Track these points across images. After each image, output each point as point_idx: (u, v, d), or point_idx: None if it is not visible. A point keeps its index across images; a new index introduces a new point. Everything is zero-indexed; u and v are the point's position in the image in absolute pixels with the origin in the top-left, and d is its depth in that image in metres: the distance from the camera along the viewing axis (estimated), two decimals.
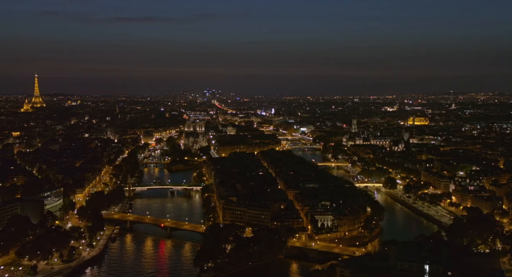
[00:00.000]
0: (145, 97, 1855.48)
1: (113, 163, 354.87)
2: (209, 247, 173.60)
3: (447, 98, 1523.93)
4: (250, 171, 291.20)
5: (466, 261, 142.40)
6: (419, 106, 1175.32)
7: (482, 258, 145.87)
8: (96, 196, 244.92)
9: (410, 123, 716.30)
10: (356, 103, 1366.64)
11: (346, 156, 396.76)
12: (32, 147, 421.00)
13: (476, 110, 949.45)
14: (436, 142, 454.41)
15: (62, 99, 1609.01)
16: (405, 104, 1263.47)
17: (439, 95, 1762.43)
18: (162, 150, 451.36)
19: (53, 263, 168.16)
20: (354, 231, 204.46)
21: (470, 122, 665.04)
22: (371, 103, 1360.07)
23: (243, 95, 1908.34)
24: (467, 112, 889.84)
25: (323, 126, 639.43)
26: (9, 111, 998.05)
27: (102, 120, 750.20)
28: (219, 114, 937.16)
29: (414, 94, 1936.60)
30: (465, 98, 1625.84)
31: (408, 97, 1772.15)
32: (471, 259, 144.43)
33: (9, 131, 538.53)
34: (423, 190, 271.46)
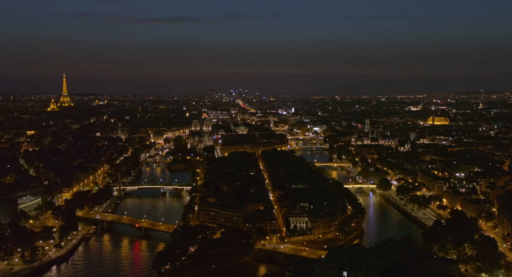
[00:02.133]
0: (172, 96, 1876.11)
1: (114, 162, 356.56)
2: (170, 249, 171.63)
3: (478, 97, 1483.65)
4: (242, 171, 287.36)
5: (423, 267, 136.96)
6: (444, 106, 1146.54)
7: (441, 264, 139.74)
8: (78, 195, 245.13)
9: (430, 123, 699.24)
10: (381, 103, 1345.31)
11: (350, 156, 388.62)
12: (39, 146, 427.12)
13: (504, 109, 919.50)
14: (447, 143, 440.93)
15: (92, 99, 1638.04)
16: (432, 104, 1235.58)
17: (471, 94, 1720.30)
18: (169, 150, 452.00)
19: (13, 264, 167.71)
20: (329, 234, 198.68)
21: (491, 122, 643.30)
22: (396, 103, 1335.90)
23: (269, 95, 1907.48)
24: (492, 112, 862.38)
25: (337, 125, 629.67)
26: (36, 111, 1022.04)
27: (121, 119, 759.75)
28: (238, 113, 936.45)
29: (445, 94, 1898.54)
30: (498, 97, 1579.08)
31: (439, 96, 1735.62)
32: (428, 265, 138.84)
33: (24, 130, 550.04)
34: (415, 192, 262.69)
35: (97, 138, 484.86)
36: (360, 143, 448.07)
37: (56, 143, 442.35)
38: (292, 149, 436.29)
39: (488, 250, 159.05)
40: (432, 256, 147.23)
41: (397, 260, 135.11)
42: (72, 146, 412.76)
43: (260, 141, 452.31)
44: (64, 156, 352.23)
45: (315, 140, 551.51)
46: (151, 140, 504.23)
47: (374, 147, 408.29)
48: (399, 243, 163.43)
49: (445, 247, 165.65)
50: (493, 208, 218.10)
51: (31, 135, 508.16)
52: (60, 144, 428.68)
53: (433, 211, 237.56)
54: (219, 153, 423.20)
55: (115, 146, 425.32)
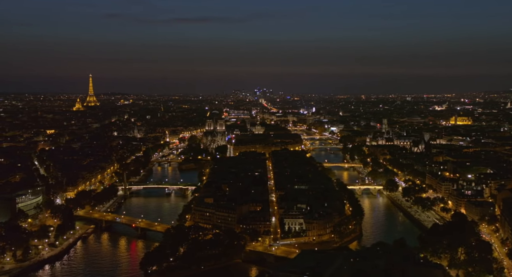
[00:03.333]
0: (197, 96, 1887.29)
1: (124, 161, 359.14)
2: (159, 250, 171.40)
3: (508, 97, 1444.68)
4: (247, 171, 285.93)
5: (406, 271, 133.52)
6: (471, 105, 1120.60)
7: (425, 269, 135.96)
8: (81, 195, 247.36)
9: (452, 123, 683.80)
10: (406, 102, 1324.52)
11: (362, 157, 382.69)
12: (56, 145, 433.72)
13: None
14: (465, 143, 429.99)
15: (118, 99, 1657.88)
16: (459, 103, 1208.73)
17: (501, 94, 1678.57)
18: (182, 149, 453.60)
19: (5, 263, 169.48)
20: (324, 236, 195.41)
21: None
22: (421, 102, 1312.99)
23: (293, 94, 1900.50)
24: None
25: (354, 125, 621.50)
26: (62, 110, 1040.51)
27: (141, 119, 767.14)
28: (259, 113, 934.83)
29: (474, 93, 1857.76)
30: None
31: (468, 95, 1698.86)
32: (412, 269, 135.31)
33: (45, 129, 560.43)
34: (421, 193, 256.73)
35: (112, 137, 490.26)
36: (374, 143, 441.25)
37: (72, 142, 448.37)
38: (304, 149, 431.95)
39: (481, 255, 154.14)
40: (419, 260, 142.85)
41: (376, 265, 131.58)
42: (86, 145, 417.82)
43: (274, 141, 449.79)
44: (77, 155, 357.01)
45: (331, 140, 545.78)
46: (166, 140, 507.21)
47: (388, 148, 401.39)
48: (388, 247, 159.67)
49: (437, 251, 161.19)
50: (497, 211, 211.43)
51: (50, 134, 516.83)
52: (75, 143, 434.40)
53: (437, 213, 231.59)
54: (231, 153, 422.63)
55: (129, 145, 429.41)
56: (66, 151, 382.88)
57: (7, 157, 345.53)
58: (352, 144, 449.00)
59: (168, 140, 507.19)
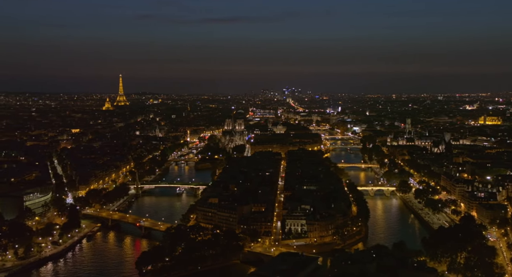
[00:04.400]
0: (226, 95, 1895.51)
1: (141, 160, 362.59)
2: (156, 249, 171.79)
3: None
4: (258, 171, 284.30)
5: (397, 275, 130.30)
6: (503, 105, 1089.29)
7: (417, 273, 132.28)
8: (91, 193, 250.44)
9: (481, 123, 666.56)
10: (437, 101, 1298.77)
11: (379, 157, 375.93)
12: (77, 144, 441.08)
13: None
14: (489, 144, 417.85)
15: (149, 98, 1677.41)
16: (493, 103, 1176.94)
17: None
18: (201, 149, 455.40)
19: (6, 260, 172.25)
20: (326, 238, 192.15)
21: None
22: (452, 101, 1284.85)
23: (322, 93, 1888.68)
24: None
25: (378, 125, 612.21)
26: (91, 109, 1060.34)
27: (166, 118, 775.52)
28: (284, 112, 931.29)
29: (511, 92, 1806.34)
30: None
31: (504, 94, 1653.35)
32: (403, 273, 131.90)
33: (70, 128, 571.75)
34: (434, 195, 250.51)
35: (134, 136, 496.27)
36: (395, 143, 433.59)
37: (94, 141, 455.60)
38: (320, 149, 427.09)
39: (483, 260, 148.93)
40: (412, 264, 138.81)
41: (365, 268, 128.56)
42: (106, 144, 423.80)
43: (293, 141, 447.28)
44: (95, 154, 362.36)
45: (352, 140, 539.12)
46: (187, 139, 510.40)
47: (408, 148, 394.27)
48: (385, 250, 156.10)
49: (437, 255, 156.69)
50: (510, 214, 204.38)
51: (74, 133, 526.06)
52: (96, 142, 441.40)
53: (448, 216, 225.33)
54: (249, 152, 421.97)
55: (148, 144, 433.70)
56: (86, 150, 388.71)
57: (29, 155, 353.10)
58: (372, 144, 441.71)
59: (188, 140, 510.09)
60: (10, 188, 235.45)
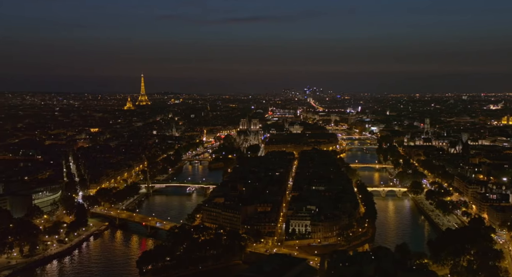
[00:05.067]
0: (247, 95, 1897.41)
1: (155, 159, 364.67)
2: (158, 249, 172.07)
3: None
4: (268, 171, 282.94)
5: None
6: None
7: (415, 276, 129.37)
8: (101, 192, 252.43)
9: (504, 123, 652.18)
10: (460, 101, 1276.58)
11: (395, 158, 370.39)
12: (94, 143, 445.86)
13: None
14: (509, 144, 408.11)
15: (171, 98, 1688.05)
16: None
17: None
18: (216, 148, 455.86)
19: (12, 257, 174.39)
20: (331, 239, 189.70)
21: None
22: (476, 101, 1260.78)
23: (343, 93, 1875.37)
24: None
25: (396, 125, 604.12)
26: (113, 109, 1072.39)
27: (185, 117, 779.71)
28: (303, 112, 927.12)
29: None
30: None
31: None
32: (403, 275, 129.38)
33: (89, 127, 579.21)
34: (445, 196, 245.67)
35: (150, 135, 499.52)
36: (412, 143, 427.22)
37: (111, 140, 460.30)
38: (335, 149, 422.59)
39: (488, 263, 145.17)
40: (411, 266, 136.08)
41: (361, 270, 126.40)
42: (123, 144, 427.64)
43: (308, 141, 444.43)
44: (110, 153, 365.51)
45: (369, 140, 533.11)
46: (202, 139, 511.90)
47: (424, 148, 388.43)
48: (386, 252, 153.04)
49: (440, 257, 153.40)
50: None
51: (92, 133, 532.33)
52: (113, 142, 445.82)
53: (459, 218, 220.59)
54: (263, 152, 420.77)
55: (163, 143, 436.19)
56: (102, 149, 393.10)
57: (46, 154, 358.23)
58: (389, 144, 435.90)
59: (204, 139, 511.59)
60: (21, 186, 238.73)
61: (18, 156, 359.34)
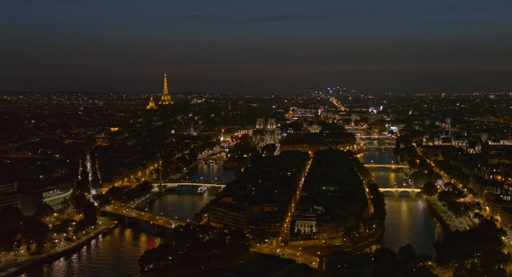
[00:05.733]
0: (270, 94, 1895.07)
1: (170, 158, 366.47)
2: (161, 248, 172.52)
3: None
4: (280, 171, 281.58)
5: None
6: None
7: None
8: (112, 191, 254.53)
9: None
10: (487, 100, 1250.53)
11: (411, 158, 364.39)
12: (112, 142, 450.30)
13: None
14: None
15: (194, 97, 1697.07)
16: None
17: None
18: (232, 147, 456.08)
19: (19, 255, 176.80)
20: (336, 240, 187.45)
21: None
22: (504, 100, 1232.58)
23: (367, 92, 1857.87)
24: None
25: (417, 125, 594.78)
26: (136, 108, 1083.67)
27: (205, 117, 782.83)
28: (324, 111, 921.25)
29: None
30: None
31: None
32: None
33: (109, 126, 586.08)
34: (459, 198, 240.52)
35: (168, 135, 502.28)
36: (431, 143, 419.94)
37: (129, 139, 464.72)
38: (350, 149, 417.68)
39: (493, 266, 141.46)
40: (411, 269, 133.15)
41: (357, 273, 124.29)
42: (140, 143, 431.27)
43: (325, 140, 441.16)
44: (126, 152, 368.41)
45: (388, 139, 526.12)
46: (220, 138, 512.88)
47: (443, 148, 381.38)
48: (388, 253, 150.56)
49: (444, 260, 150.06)
50: None
51: (112, 132, 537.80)
52: (131, 141, 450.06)
53: (471, 219, 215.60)
54: (279, 152, 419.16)
55: (180, 143, 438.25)
56: (119, 148, 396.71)
57: (63, 153, 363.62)
58: (407, 144, 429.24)
59: (222, 139, 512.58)
60: (35, 184, 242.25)
61: (37, 155, 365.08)
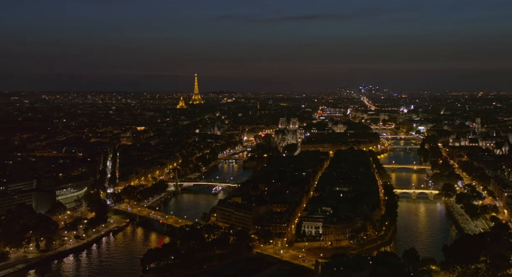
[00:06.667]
0: (301, 94, 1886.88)
1: (190, 157, 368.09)
2: (164, 247, 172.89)
3: None
4: (295, 171, 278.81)
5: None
6: None
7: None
8: (127, 189, 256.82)
9: None
10: None
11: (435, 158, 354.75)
12: (136, 141, 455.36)
13: None
14: None
15: (226, 97, 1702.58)
16: None
17: None
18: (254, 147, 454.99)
19: (28, 252, 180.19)
20: (343, 241, 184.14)
21: None
22: None
23: (400, 91, 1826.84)
24: None
25: (446, 125, 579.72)
26: (166, 108, 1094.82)
27: (233, 116, 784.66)
28: (353, 111, 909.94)
29: None
30: None
31: None
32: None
33: (136, 125, 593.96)
34: (477, 200, 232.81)
35: (192, 134, 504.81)
36: (457, 144, 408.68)
37: (153, 139, 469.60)
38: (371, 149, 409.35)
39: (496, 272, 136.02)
40: (409, 273, 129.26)
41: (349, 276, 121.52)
42: (162, 142, 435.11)
43: (348, 140, 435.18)
44: (148, 151, 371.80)
45: (414, 139, 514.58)
46: (243, 137, 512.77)
47: (469, 149, 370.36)
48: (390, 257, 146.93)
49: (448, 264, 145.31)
50: None
51: (138, 131, 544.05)
52: (154, 140, 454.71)
53: (487, 223, 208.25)
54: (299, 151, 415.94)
55: (203, 142, 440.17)
56: (141, 147, 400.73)
57: (87, 152, 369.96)
58: (432, 144, 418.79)
59: (245, 138, 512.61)
60: (53, 183, 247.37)
61: (61, 153, 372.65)
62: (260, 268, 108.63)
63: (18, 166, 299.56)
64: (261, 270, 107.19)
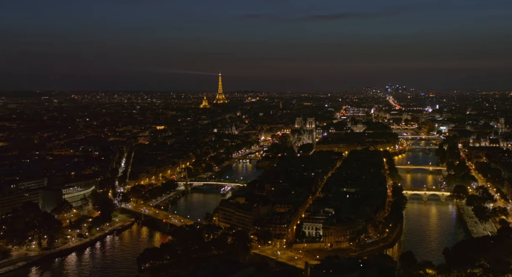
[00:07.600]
0: (326, 93, 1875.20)
1: (204, 157, 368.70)
2: (162, 247, 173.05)
3: None
4: (304, 171, 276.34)
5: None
6: None
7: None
8: (135, 188, 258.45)
9: None
10: None
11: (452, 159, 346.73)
12: (153, 140, 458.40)
13: None
14: None
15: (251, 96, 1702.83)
16: None
17: None
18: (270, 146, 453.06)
19: (30, 250, 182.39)
20: (343, 243, 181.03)
21: None
22: None
23: (428, 90, 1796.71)
24: None
25: (469, 125, 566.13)
26: (190, 107, 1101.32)
27: (253, 116, 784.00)
28: (376, 111, 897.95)
29: None
30: None
31: None
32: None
33: (156, 125, 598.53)
34: (488, 203, 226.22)
35: (209, 133, 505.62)
36: (477, 144, 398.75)
37: (170, 138, 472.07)
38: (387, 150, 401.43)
39: None
40: None
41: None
42: (179, 141, 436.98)
43: (365, 140, 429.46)
44: (163, 150, 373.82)
45: (435, 140, 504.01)
46: (260, 137, 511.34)
47: (489, 150, 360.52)
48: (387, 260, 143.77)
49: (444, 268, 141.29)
50: None
51: (157, 130, 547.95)
52: (171, 139, 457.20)
53: (496, 226, 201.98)
54: None
55: (219, 142, 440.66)
56: (157, 146, 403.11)
57: (103, 150, 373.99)
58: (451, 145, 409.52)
59: (262, 138, 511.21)
60: (61, 181, 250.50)
61: (78, 152, 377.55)
62: (236, 270, 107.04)
63: (34, 165, 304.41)
64: (235, 272, 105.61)
